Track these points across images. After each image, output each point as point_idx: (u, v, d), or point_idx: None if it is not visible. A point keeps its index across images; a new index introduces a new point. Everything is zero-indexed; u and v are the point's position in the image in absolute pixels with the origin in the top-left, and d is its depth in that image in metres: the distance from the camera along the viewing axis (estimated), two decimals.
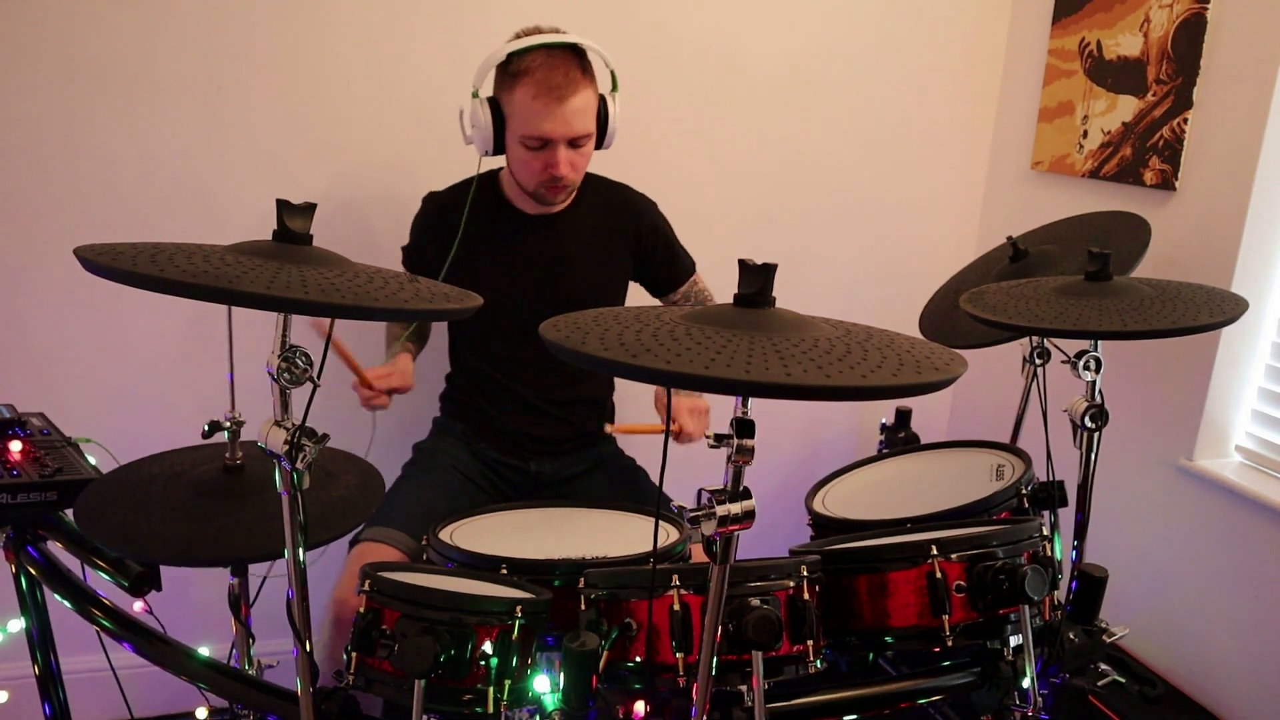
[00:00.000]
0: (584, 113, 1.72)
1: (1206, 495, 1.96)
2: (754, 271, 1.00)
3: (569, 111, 1.69)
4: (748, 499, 0.98)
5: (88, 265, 0.92)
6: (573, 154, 1.75)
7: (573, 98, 1.69)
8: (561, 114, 1.69)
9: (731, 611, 1.16)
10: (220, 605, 1.35)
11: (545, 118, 1.69)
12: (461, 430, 1.97)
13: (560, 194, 1.82)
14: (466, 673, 1.17)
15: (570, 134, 1.71)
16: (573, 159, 1.75)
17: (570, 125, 1.70)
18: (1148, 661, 2.05)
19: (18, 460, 1.41)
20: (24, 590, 1.45)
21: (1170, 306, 1.36)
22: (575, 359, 0.92)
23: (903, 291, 2.36)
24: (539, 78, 1.68)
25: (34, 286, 1.99)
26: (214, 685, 1.33)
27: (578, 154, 1.76)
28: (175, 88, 1.98)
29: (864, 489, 1.77)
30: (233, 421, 1.32)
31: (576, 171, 1.78)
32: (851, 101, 2.45)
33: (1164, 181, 2.01)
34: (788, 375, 0.85)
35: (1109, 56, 2.17)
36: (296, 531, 1.07)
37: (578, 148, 1.75)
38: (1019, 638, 1.32)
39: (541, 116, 1.69)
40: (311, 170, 2.10)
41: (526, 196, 1.85)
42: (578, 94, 1.70)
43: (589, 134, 1.75)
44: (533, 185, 1.79)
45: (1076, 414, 1.47)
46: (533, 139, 1.72)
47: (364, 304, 0.94)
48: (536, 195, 1.82)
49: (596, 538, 1.59)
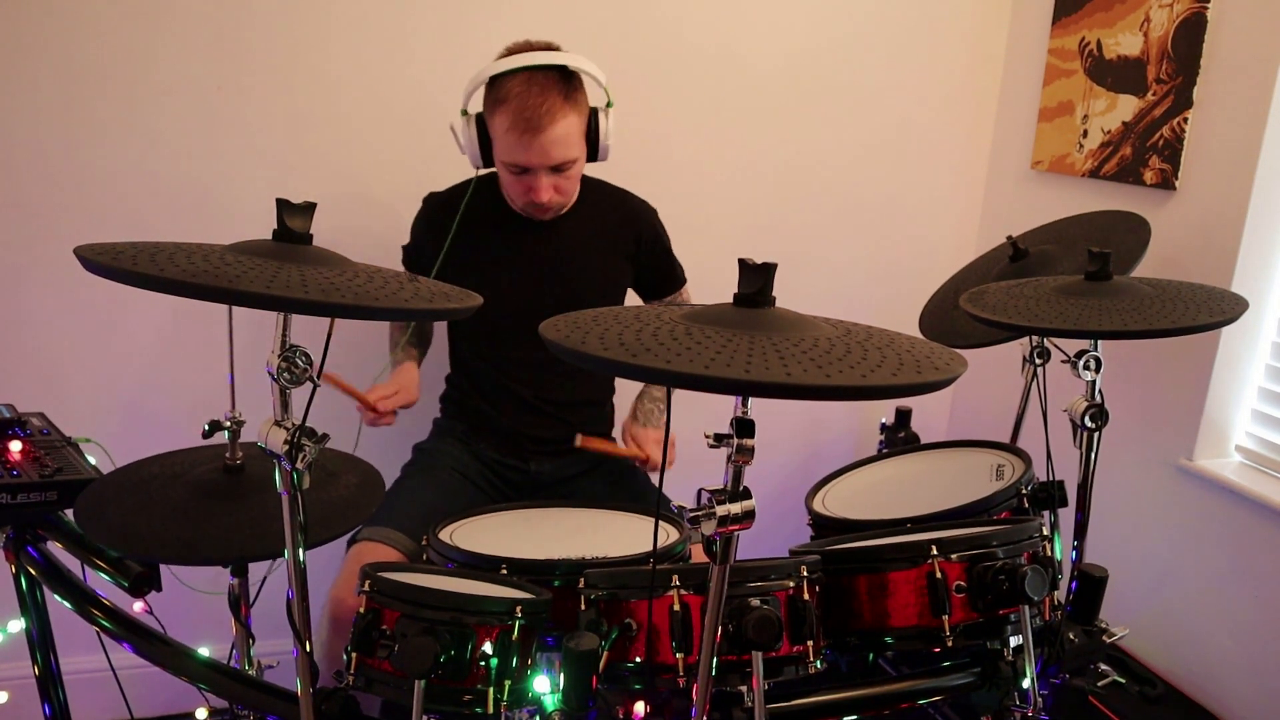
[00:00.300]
0: (563, 141, 1.70)
1: (1206, 495, 1.96)
2: (754, 271, 1.00)
3: (546, 142, 1.68)
4: (748, 499, 0.98)
5: (88, 265, 0.92)
6: (556, 178, 1.75)
7: (551, 128, 1.67)
8: (539, 145, 1.68)
9: (731, 612, 1.16)
10: (220, 605, 1.35)
11: (521, 149, 1.69)
12: (461, 431, 1.98)
13: (547, 214, 1.83)
14: (466, 673, 1.17)
15: (548, 163, 1.71)
16: (557, 183, 1.75)
17: (548, 155, 1.70)
18: (1148, 661, 2.05)
19: (18, 460, 1.41)
20: (24, 590, 1.45)
21: (1170, 306, 1.36)
22: (575, 359, 0.92)
23: (903, 291, 2.36)
24: (515, 108, 1.66)
25: (34, 286, 1.99)
26: (214, 685, 1.33)
27: (562, 178, 1.76)
28: (175, 87, 1.98)
29: (864, 489, 1.77)
30: (233, 421, 1.32)
31: (562, 194, 1.79)
32: (851, 101, 2.45)
33: (1164, 181, 2.01)
34: (788, 375, 0.85)
35: (1109, 56, 2.17)
36: (296, 531, 1.07)
37: (562, 172, 1.75)
38: (1019, 638, 1.32)
39: (518, 148, 1.69)
40: (311, 170, 2.10)
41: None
42: (556, 124, 1.67)
43: (572, 159, 1.74)
44: (519, 205, 1.82)
45: (1076, 414, 1.46)
46: (513, 166, 1.73)
47: (364, 304, 0.94)
48: (524, 212, 1.84)
49: (596, 538, 1.59)
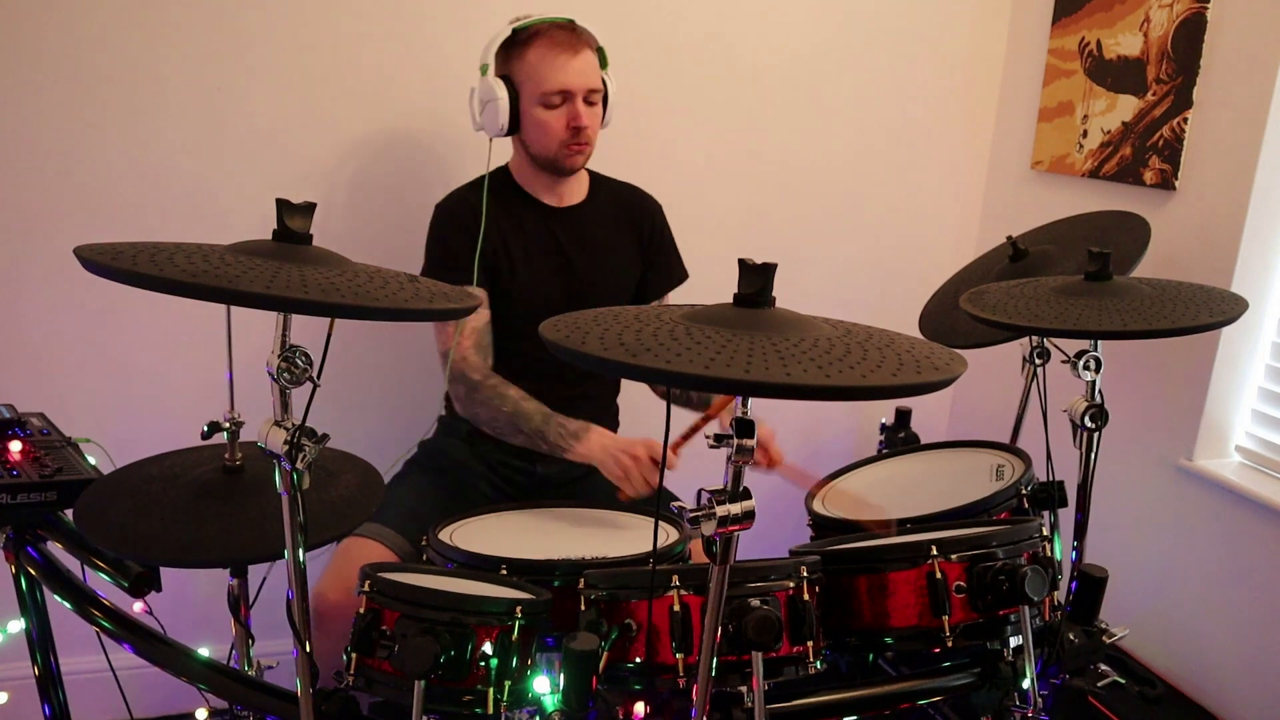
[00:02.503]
0: (594, 69, 1.80)
1: (1206, 495, 1.96)
2: (754, 271, 1.00)
3: (583, 62, 1.78)
4: (748, 499, 0.98)
5: (88, 265, 0.92)
6: (589, 110, 1.80)
7: (583, 52, 1.78)
8: (577, 65, 1.76)
9: (731, 612, 1.16)
10: (220, 605, 1.35)
11: (561, 69, 1.76)
12: (467, 430, 1.96)
13: (582, 153, 1.84)
14: (466, 673, 1.17)
15: (586, 85, 1.78)
16: (590, 114, 1.80)
17: (586, 76, 1.78)
18: (1147, 662, 2.04)
19: (18, 460, 1.41)
20: (24, 591, 1.44)
21: (1170, 306, 1.36)
22: (575, 359, 0.92)
23: (903, 291, 2.36)
24: (549, 37, 1.75)
25: (34, 286, 1.99)
26: (214, 686, 1.33)
27: (592, 112, 1.81)
28: (175, 87, 1.98)
29: (864, 489, 1.77)
30: (232, 422, 1.32)
31: (594, 129, 1.83)
32: (851, 101, 2.45)
33: (1164, 181, 2.01)
34: (788, 375, 0.85)
35: (1109, 56, 2.17)
36: (296, 531, 1.07)
37: (591, 105, 1.81)
38: (1019, 638, 1.32)
39: (557, 68, 1.76)
40: (311, 170, 2.10)
41: (544, 186, 1.88)
42: (585, 51, 1.78)
43: (599, 90, 1.82)
44: (554, 147, 1.81)
45: (1076, 414, 1.46)
46: (553, 94, 1.77)
47: (364, 304, 0.94)
48: (558, 160, 1.82)
49: (596, 538, 1.59)
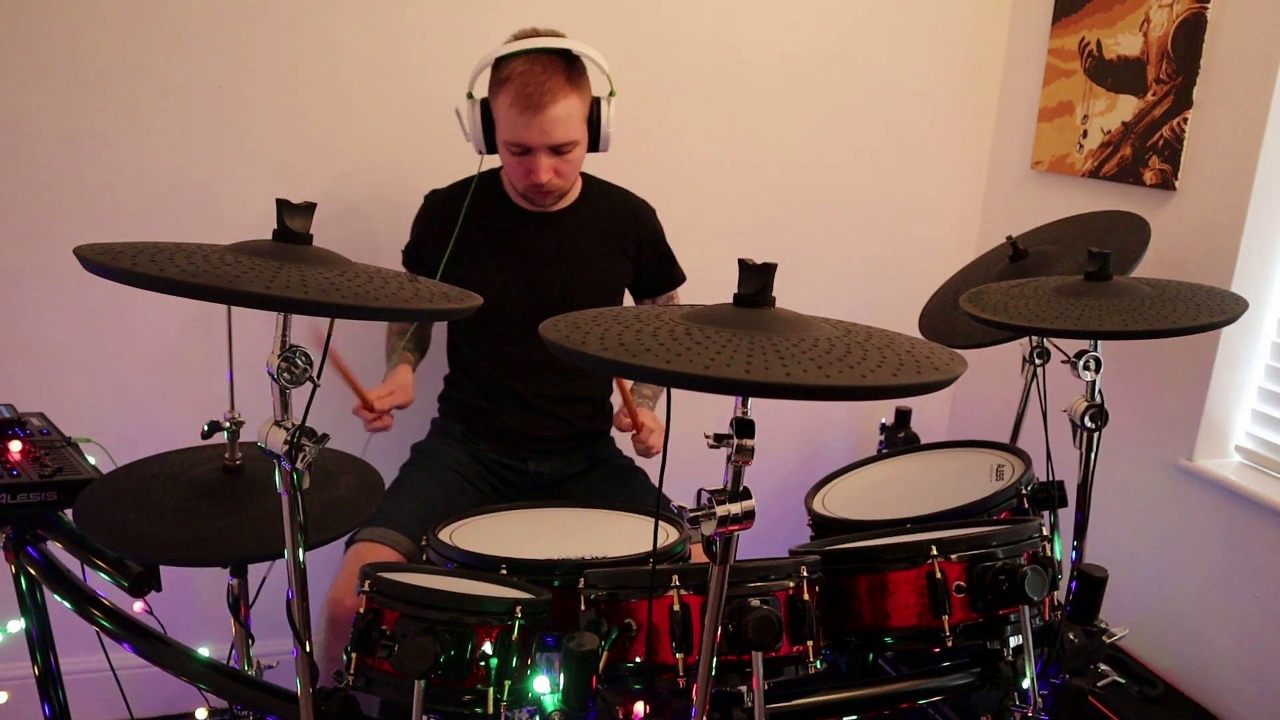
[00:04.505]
0: (564, 121, 1.72)
1: (1206, 495, 1.96)
2: (754, 271, 1.00)
3: (547, 120, 1.70)
4: (748, 499, 0.98)
5: (88, 265, 0.92)
6: (557, 161, 1.76)
7: (552, 106, 1.69)
8: (539, 123, 1.70)
9: (731, 612, 1.16)
10: (220, 605, 1.35)
11: (522, 126, 1.71)
12: (460, 431, 1.98)
13: (547, 198, 1.84)
14: (466, 673, 1.16)
15: (549, 142, 1.72)
16: (557, 165, 1.76)
17: (548, 134, 1.71)
18: (1147, 661, 2.05)
19: (18, 460, 1.41)
20: (24, 590, 1.44)
21: (1170, 306, 1.36)
22: (575, 359, 0.92)
23: (903, 291, 2.36)
24: (517, 86, 1.69)
25: (34, 286, 1.99)
26: (214, 686, 1.33)
27: (563, 160, 1.77)
28: (175, 87, 1.98)
29: (864, 489, 1.77)
30: (232, 422, 1.32)
31: (562, 177, 1.79)
32: (851, 101, 2.45)
33: (1164, 181, 2.01)
34: (788, 375, 0.85)
35: (1109, 56, 2.17)
36: (296, 531, 1.07)
37: (562, 154, 1.76)
38: (1019, 638, 1.32)
39: (519, 125, 1.71)
40: (311, 170, 2.10)
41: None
42: (558, 103, 1.70)
43: (573, 141, 1.75)
44: (520, 188, 1.83)
45: (1076, 414, 1.46)
46: (514, 145, 1.74)
47: (364, 304, 0.94)
48: (525, 197, 1.85)
49: (596, 538, 1.59)
